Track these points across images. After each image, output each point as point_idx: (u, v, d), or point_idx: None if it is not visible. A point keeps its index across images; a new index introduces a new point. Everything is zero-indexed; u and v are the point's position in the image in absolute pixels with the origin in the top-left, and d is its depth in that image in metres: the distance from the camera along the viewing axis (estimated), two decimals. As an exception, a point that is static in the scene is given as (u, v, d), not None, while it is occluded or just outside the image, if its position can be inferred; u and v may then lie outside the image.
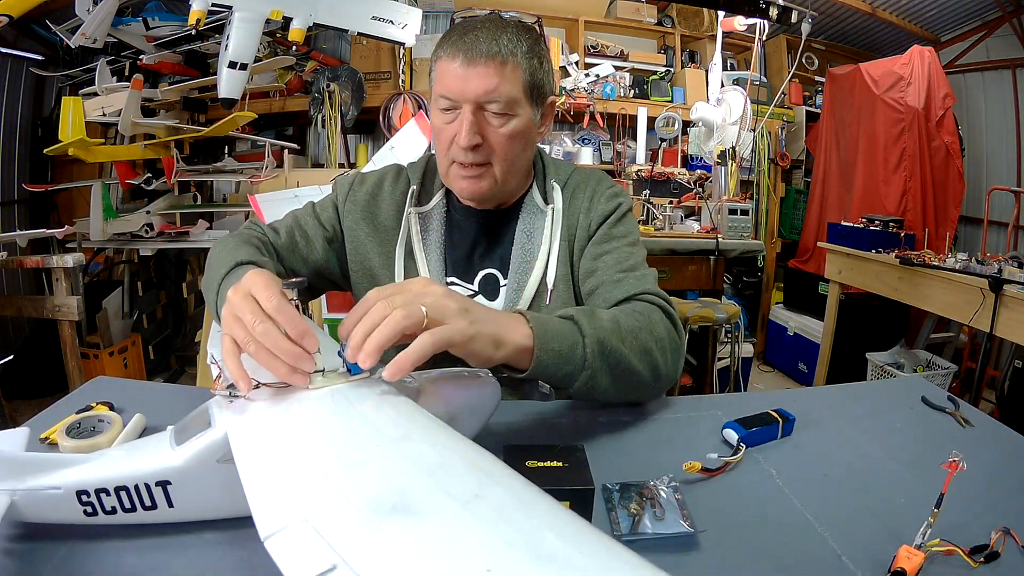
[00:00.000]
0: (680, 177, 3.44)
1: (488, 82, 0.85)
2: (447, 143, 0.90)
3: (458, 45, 0.86)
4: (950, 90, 3.30)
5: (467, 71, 0.85)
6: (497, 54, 0.85)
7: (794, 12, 3.28)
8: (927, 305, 2.50)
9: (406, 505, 0.37)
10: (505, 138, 0.89)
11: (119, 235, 2.79)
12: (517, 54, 0.87)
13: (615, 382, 0.78)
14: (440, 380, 0.68)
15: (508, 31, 0.87)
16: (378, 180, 1.05)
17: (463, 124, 0.86)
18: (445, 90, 0.87)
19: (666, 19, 4.13)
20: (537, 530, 0.35)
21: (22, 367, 2.78)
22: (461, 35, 0.87)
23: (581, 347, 0.73)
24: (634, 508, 0.62)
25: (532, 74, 0.89)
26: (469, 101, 0.86)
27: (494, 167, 0.91)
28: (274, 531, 0.37)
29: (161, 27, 2.81)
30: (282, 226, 1.03)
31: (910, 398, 0.95)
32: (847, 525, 0.63)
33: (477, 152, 0.89)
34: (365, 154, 3.77)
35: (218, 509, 0.55)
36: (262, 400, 0.55)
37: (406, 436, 0.47)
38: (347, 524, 0.36)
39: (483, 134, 0.88)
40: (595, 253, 0.96)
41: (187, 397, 0.88)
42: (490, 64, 0.85)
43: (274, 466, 0.44)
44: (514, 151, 0.91)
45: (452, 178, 0.94)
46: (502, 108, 0.87)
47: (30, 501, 0.51)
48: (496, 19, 0.91)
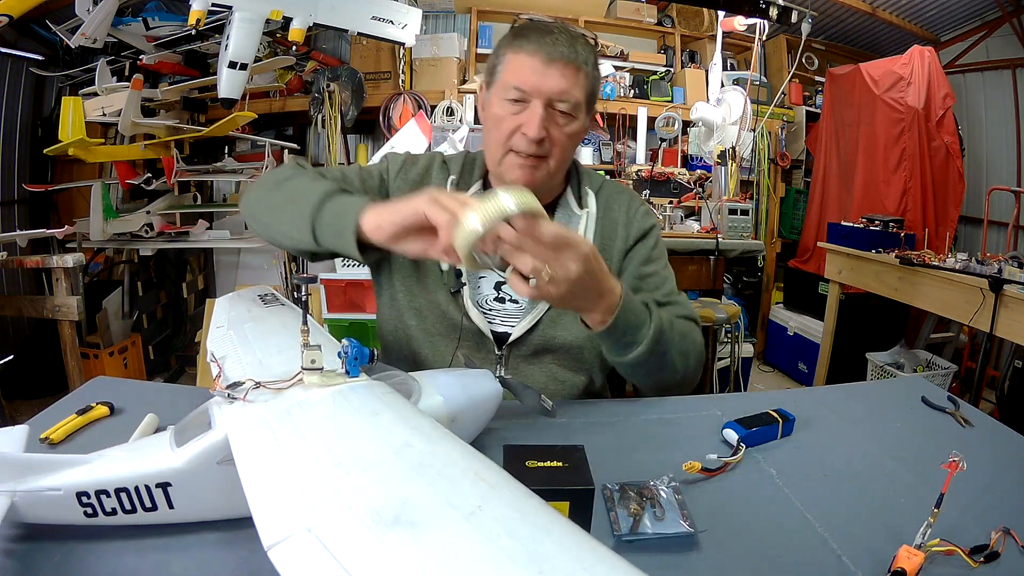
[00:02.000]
0: (680, 177, 3.44)
1: (563, 83, 0.91)
2: (508, 132, 0.94)
3: (539, 44, 0.91)
4: (950, 90, 3.30)
5: (546, 69, 0.90)
6: (574, 60, 0.91)
7: (794, 12, 3.28)
8: (927, 305, 2.50)
9: (409, 516, 0.37)
10: (566, 137, 0.95)
11: (119, 235, 2.79)
12: (588, 64, 0.93)
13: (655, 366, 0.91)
14: (441, 381, 0.69)
15: (581, 41, 0.94)
16: (427, 164, 1.10)
17: (532, 117, 0.91)
18: (519, 82, 0.91)
19: (666, 19, 4.13)
20: (539, 544, 0.35)
21: (22, 367, 2.77)
22: (541, 35, 0.92)
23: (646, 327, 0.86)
24: (634, 508, 0.62)
25: (593, 85, 0.96)
26: (542, 97, 0.91)
27: (549, 161, 0.96)
28: (278, 540, 0.37)
29: (161, 27, 2.81)
30: (330, 175, 1.01)
31: (910, 398, 0.95)
32: (847, 525, 0.63)
33: (541, 145, 0.93)
34: (365, 154, 3.77)
35: (218, 510, 0.55)
36: (262, 401, 0.55)
37: (408, 443, 0.46)
38: (350, 535, 0.36)
39: (548, 129, 0.93)
40: (640, 273, 1.04)
41: (187, 397, 0.88)
42: (567, 68, 0.91)
43: (276, 473, 0.44)
44: (568, 150, 0.98)
45: (507, 167, 0.97)
46: (568, 109, 0.93)
47: (30, 502, 0.51)
48: (568, 27, 0.98)
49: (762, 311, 4.04)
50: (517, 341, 1.00)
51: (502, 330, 1.02)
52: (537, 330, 1.00)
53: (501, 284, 1.03)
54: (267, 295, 0.93)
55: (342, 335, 0.75)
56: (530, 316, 1.00)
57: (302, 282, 0.62)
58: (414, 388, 0.65)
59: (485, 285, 1.04)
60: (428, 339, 1.03)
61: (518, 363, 1.00)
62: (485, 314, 1.02)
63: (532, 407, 0.76)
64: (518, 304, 1.02)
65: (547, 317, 1.00)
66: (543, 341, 1.00)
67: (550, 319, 1.00)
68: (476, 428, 0.73)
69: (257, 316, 0.84)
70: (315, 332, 0.63)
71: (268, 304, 0.89)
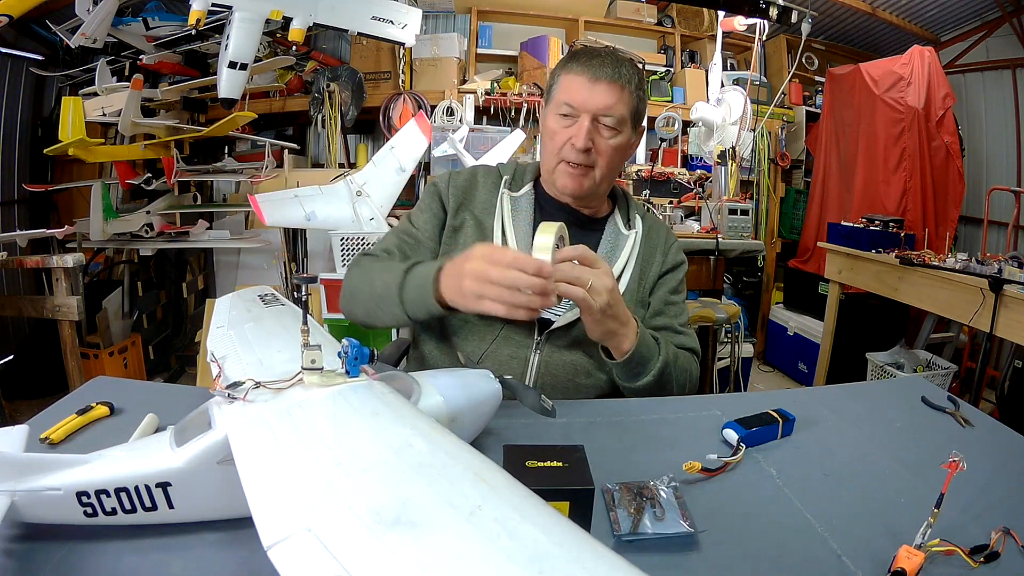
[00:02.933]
0: (680, 177, 3.44)
1: (608, 99, 1.01)
2: (560, 144, 1.05)
3: (587, 65, 1.02)
4: (950, 90, 3.30)
5: (592, 86, 1.01)
6: (618, 79, 1.01)
7: (794, 12, 3.28)
8: (927, 305, 2.50)
9: (409, 516, 0.37)
10: (611, 148, 1.05)
11: (119, 235, 2.79)
12: (632, 84, 1.03)
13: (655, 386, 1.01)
14: (441, 381, 0.69)
15: (626, 63, 1.04)
16: (471, 173, 1.20)
17: (580, 130, 1.02)
18: (569, 98, 1.03)
19: (666, 19, 4.13)
20: (539, 544, 0.35)
21: (22, 367, 2.77)
22: (589, 58, 1.03)
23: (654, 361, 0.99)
24: (634, 508, 0.62)
25: (638, 103, 1.06)
26: (589, 112, 1.02)
27: (595, 170, 1.06)
28: (278, 540, 0.36)
29: (161, 27, 2.80)
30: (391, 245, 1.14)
31: (910, 398, 0.95)
32: (847, 525, 0.63)
33: (587, 155, 1.04)
34: (365, 154, 3.77)
35: (218, 510, 0.55)
36: (262, 401, 0.55)
37: (408, 443, 0.46)
38: (350, 535, 0.36)
39: (594, 141, 1.03)
40: (667, 300, 1.16)
41: (187, 397, 0.88)
42: (612, 86, 1.01)
43: (276, 473, 0.44)
44: (615, 162, 1.07)
45: (558, 174, 1.08)
46: (613, 123, 1.03)
47: (30, 502, 0.51)
48: (616, 50, 1.13)
49: (762, 311, 4.04)
50: (558, 330, 1.06)
51: (546, 316, 1.07)
52: (579, 323, 1.03)
53: None
54: (267, 295, 0.93)
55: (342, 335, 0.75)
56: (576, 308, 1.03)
57: (302, 282, 0.61)
58: (414, 388, 0.65)
59: None
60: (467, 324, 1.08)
61: (552, 352, 1.06)
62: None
63: (532, 407, 0.76)
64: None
65: None
66: (582, 334, 1.03)
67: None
68: (476, 428, 0.73)
69: (257, 316, 0.84)
70: (315, 332, 0.63)
71: (268, 304, 0.90)
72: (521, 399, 0.80)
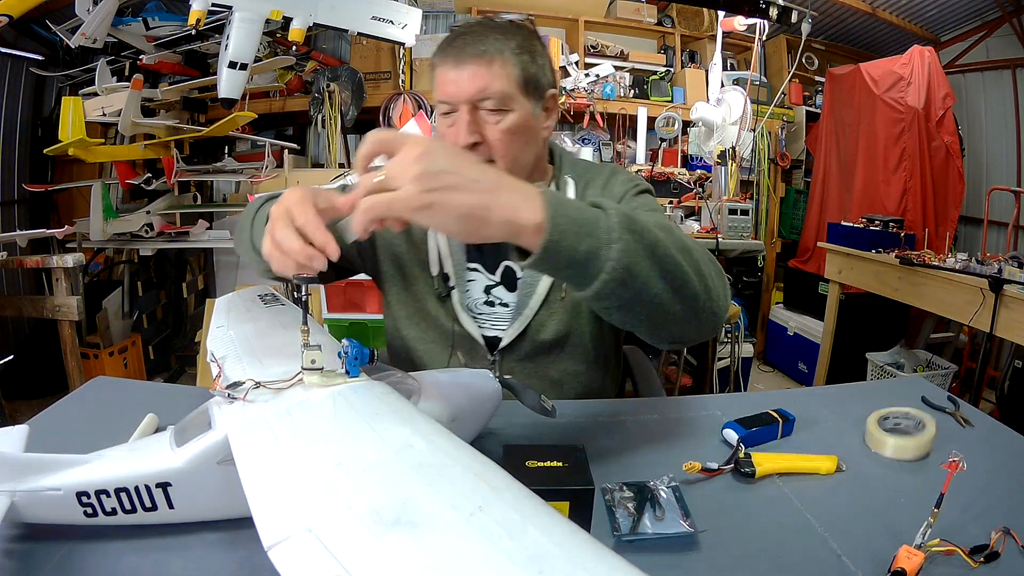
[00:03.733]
0: (680, 177, 3.44)
1: (478, 81, 0.87)
2: (452, 144, 0.90)
3: (448, 51, 0.89)
4: (950, 90, 3.30)
5: (458, 73, 0.87)
6: (484, 53, 0.87)
7: (794, 12, 3.28)
8: (927, 305, 2.50)
9: (409, 517, 0.37)
10: (503, 133, 0.89)
11: (119, 235, 2.79)
12: (505, 51, 0.88)
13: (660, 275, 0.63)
14: (441, 380, 0.69)
15: (495, 31, 0.89)
16: None
17: (459, 126, 0.88)
18: (441, 95, 0.90)
19: (666, 19, 4.13)
20: (540, 545, 0.35)
21: (22, 367, 2.77)
22: (451, 41, 0.90)
23: (605, 219, 0.60)
24: (634, 508, 0.62)
25: (524, 68, 0.90)
26: (463, 101, 0.88)
27: (497, 164, 0.90)
28: (278, 541, 0.36)
29: (161, 27, 2.80)
30: None
31: (910, 398, 0.95)
32: (847, 525, 0.63)
33: (477, 151, 0.89)
34: (365, 154, 3.77)
35: (218, 510, 0.55)
36: (262, 401, 0.55)
37: (408, 444, 0.46)
38: (351, 535, 0.36)
39: (481, 132, 0.89)
40: None
41: (187, 397, 0.88)
42: (479, 63, 0.87)
43: (276, 473, 0.44)
44: (515, 146, 0.91)
45: None
46: (496, 104, 0.88)
47: (30, 502, 0.51)
48: (486, 21, 0.94)
49: (762, 311, 4.04)
50: (509, 346, 0.98)
51: (493, 334, 1.00)
52: (528, 334, 0.98)
53: (491, 288, 1.02)
54: (267, 295, 0.93)
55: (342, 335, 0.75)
56: (520, 320, 0.98)
57: (302, 282, 0.61)
58: (414, 388, 0.65)
59: (474, 288, 1.02)
60: (424, 346, 1.02)
61: (512, 367, 0.99)
62: (475, 318, 1.00)
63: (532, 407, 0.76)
64: (508, 307, 1.00)
65: (537, 320, 0.98)
66: (535, 345, 0.98)
67: (540, 322, 0.98)
68: (476, 428, 0.73)
69: (257, 316, 0.84)
70: (315, 332, 0.63)
71: (268, 304, 0.89)
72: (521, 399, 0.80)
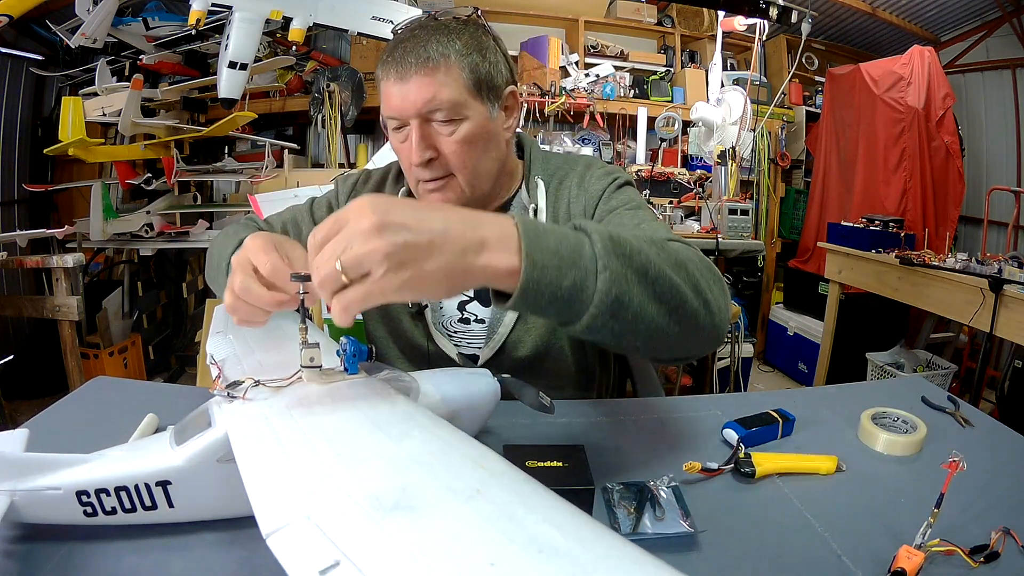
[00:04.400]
0: (680, 177, 3.44)
1: (424, 92, 0.80)
2: (407, 163, 0.86)
3: (389, 63, 0.82)
4: (950, 90, 3.30)
5: (403, 86, 0.81)
6: (427, 60, 0.80)
7: (794, 12, 3.28)
8: (927, 305, 2.50)
9: (408, 501, 0.37)
10: (458, 145, 0.83)
11: (119, 235, 2.79)
12: (450, 55, 0.81)
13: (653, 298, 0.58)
14: (439, 379, 0.69)
15: (437, 34, 0.82)
16: (380, 179, 1.04)
17: (412, 140, 0.82)
18: (389, 111, 0.84)
19: (666, 19, 4.13)
20: (539, 525, 0.35)
21: (22, 367, 2.78)
22: (391, 51, 0.83)
23: (588, 245, 0.55)
24: (634, 508, 0.62)
25: (474, 70, 0.83)
26: (412, 116, 0.82)
27: (457, 177, 0.86)
28: (276, 528, 0.37)
29: (161, 27, 2.81)
30: (277, 222, 1.03)
31: (910, 398, 0.95)
32: (847, 525, 0.63)
33: (433, 167, 0.85)
34: (365, 154, 3.77)
35: (218, 509, 0.55)
36: (262, 399, 0.55)
37: (406, 434, 0.47)
38: (349, 521, 0.36)
39: (435, 146, 0.84)
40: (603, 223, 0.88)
41: (187, 397, 0.88)
42: (422, 72, 0.80)
43: (275, 464, 0.44)
44: (473, 157, 0.85)
45: (421, 194, 0.90)
46: (447, 115, 0.82)
47: (30, 502, 0.51)
48: (426, 23, 0.85)
49: (762, 311, 4.04)
50: (486, 365, 0.94)
51: (470, 353, 0.97)
52: (505, 351, 0.95)
53: (465, 304, 0.98)
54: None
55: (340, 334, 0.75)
56: (495, 337, 0.94)
57: (299, 280, 0.61)
58: (412, 387, 0.65)
59: (448, 305, 0.98)
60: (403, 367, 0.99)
61: None
62: (451, 337, 0.98)
63: (531, 404, 0.76)
64: (484, 324, 0.97)
65: (513, 336, 0.94)
66: (513, 363, 0.95)
67: (517, 338, 0.95)
68: (475, 427, 0.73)
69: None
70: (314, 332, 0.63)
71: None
72: (519, 396, 0.80)
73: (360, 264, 0.47)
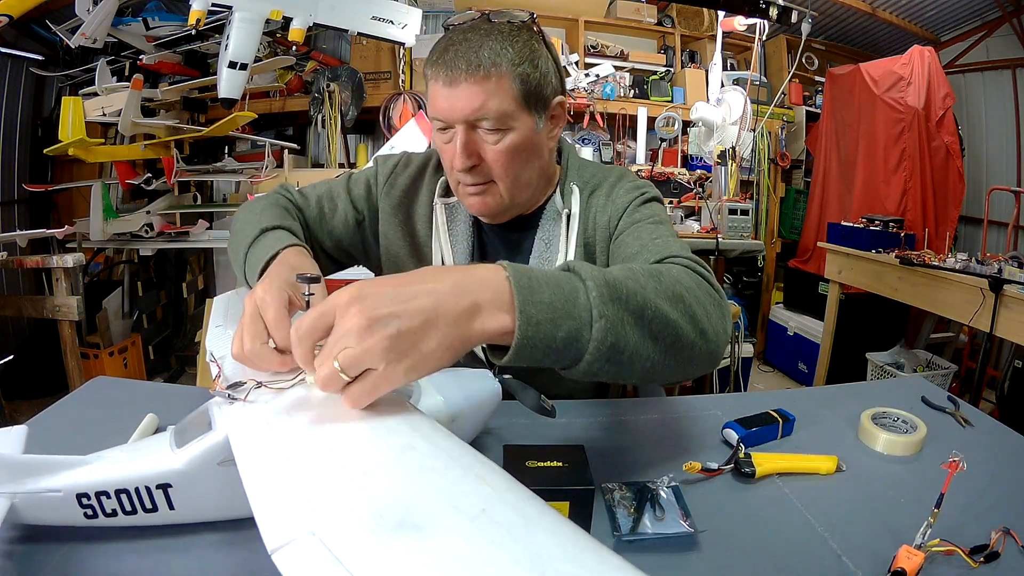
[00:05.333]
0: (680, 177, 3.44)
1: (473, 100, 0.79)
2: (449, 163, 0.87)
3: (439, 64, 0.81)
4: (950, 90, 3.30)
5: (451, 91, 0.80)
6: (478, 68, 0.79)
7: (794, 12, 3.28)
8: (927, 305, 2.50)
9: (413, 520, 0.37)
10: (502, 154, 0.84)
11: (119, 235, 2.79)
12: (502, 64, 0.79)
13: (649, 338, 0.58)
14: (440, 380, 0.68)
15: (491, 39, 0.80)
16: (421, 166, 1.03)
17: (456, 145, 0.83)
18: (435, 112, 0.84)
19: (666, 19, 4.13)
20: (543, 547, 0.35)
21: (22, 367, 2.77)
22: (442, 52, 0.81)
23: (583, 293, 0.54)
24: (634, 508, 0.62)
25: (524, 81, 0.82)
26: (458, 122, 0.82)
27: (497, 184, 0.87)
28: (281, 544, 0.36)
29: (161, 27, 2.81)
30: (313, 194, 1.01)
31: (910, 398, 0.95)
32: (847, 525, 0.63)
33: (475, 173, 0.85)
34: (365, 154, 3.77)
35: (219, 511, 0.55)
36: (263, 402, 0.55)
37: (410, 446, 0.46)
38: (355, 539, 0.36)
39: (479, 152, 0.84)
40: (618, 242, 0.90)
41: (187, 397, 0.88)
42: (472, 80, 0.79)
43: (278, 475, 0.44)
44: (516, 166, 0.86)
45: (461, 196, 0.92)
46: (494, 124, 0.81)
47: (30, 503, 0.51)
48: (480, 25, 0.83)
49: (762, 311, 4.04)
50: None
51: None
52: None
53: None
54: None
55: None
56: None
57: (304, 282, 0.61)
58: (414, 388, 0.65)
59: None
60: None
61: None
62: None
63: (532, 407, 0.76)
64: None
65: None
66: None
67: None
68: (476, 428, 0.73)
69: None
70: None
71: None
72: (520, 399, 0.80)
73: (359, 364, 0.47)
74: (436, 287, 0.50)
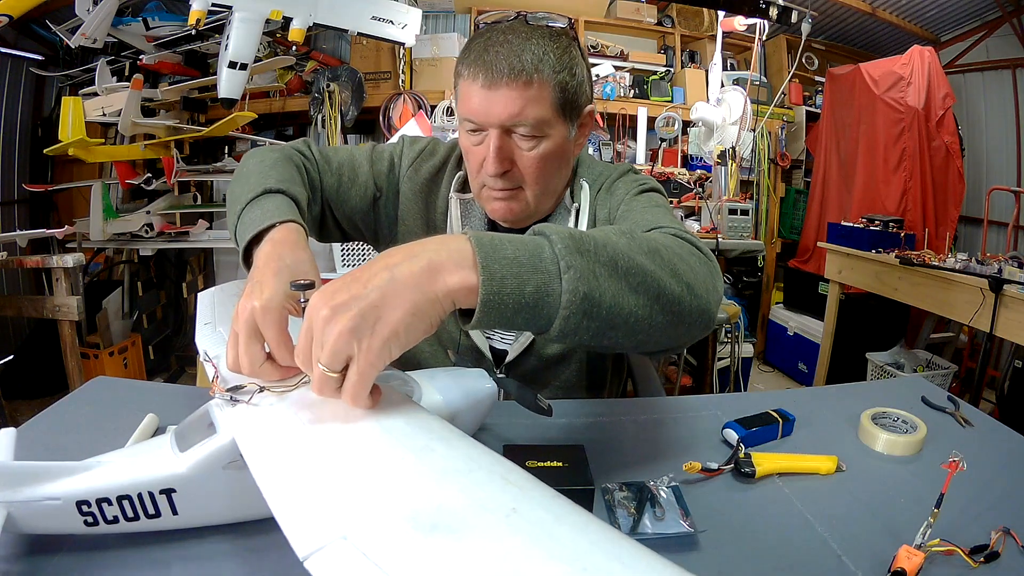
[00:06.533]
0: (680, 177, 3.44)
1: (512, 105, 0.78)
2: (477, 165, 0.85)
3: (478, 64, 0.78)
4: (950, 90, 3.30)
5: (489, 94, 0.78)
6: (521, 72, 0.76)
7: (794, 12, 3.28)
8: (927, 305, 2.50)
9: (447, 522, 0.36)
10: (535, 161, 0.82)
11: (119, 235, 2.79)
12: (544, 70, 0.78)
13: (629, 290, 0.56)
14: (438, 379, 0.68)
15: (532, 43, 0.78)
16: (445, 158, 1.00)
17: (490, 150, 0.80)
18: (468, 112, 0.81)
19: (666, 19, 4.13)
20: (577, 543, 0.35)
21: (22, 367, 2.77)
22: (482, 52, 0.78)
23: (548, 247, 0.53)
24: (634, 508, 0.62)
25: (563, 90, 0.80)
26: (494, 125, 0.79)
27: (526, 191, 0.86)
28: (314, 550, 0.35)
29: (161, 27, 2.81)
30: (335, 159, 0.96)
31: (910, 398, 0.95)
32: (847, 525, 0.63)
33: (506, 178, 0.84)
34: (365, 154, 3.77)
35: (224, 515, 0.54)
36: (268, 404, 0.54)
37: (428, 447, 0.45)
38: (390, 542, 0.35)
39: (512, 158, 0.82)
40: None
41: (187, 397, 0.88)
42: (513, 85, 0.77)
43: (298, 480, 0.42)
44: (547, 173, 0.85)
45: (484, 199, 0.89)
46: (530, 131, 0.80)
47: (27, 512, 0.48)
48: (520, 27, 0.81)
49: (762, 311, 4.04)
50: (515, 360, 0.95)
51: (501, 348, 0.97)
52: (533, 348, 0.95)
53: None
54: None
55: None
56: (525, 334, 0.93)
57: (299, 289, 0.58)
58: (414, 388, 0.65)
59: None
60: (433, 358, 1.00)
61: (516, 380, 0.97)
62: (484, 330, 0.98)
63: (528, 406, 0.76)
64: None
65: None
66: (540, 359, 0.95)
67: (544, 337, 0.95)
68: (472, 428, 0.73)
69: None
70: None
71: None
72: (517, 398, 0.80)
73: (336, 353, 0.47)
74: (390, 261, 0.51)
